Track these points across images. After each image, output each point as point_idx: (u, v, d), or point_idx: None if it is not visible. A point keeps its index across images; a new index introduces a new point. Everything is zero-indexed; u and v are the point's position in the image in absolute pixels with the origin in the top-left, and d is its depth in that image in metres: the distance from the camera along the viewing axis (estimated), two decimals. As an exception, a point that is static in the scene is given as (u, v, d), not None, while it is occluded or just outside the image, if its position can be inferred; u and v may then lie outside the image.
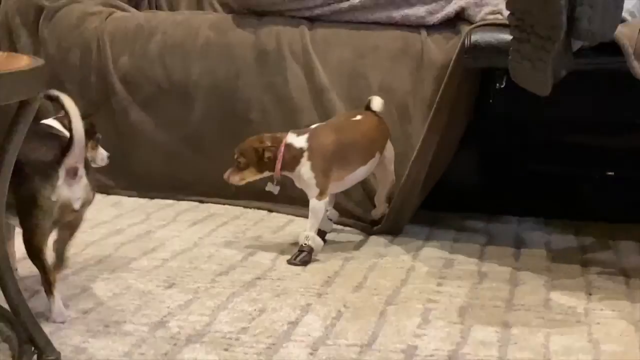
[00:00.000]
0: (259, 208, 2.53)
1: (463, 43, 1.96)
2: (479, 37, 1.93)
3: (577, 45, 1.81)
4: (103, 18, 2.70)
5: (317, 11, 2.53)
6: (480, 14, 2.35)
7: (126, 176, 2.67)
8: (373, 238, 2.27)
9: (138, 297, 1.78)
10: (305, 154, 2.03)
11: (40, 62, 1.40)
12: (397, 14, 2.46)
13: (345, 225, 2.34)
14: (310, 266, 2.01)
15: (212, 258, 2.06)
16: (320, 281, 1.90)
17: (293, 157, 2.03)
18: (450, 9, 2.41)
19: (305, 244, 2.03)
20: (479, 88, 2.33)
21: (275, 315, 1.69)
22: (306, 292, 1.83)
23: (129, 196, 2.66)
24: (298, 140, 2.05)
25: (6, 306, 1.46)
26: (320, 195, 2.04)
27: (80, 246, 2.13)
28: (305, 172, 2.03)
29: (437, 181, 2.34)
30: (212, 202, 2.59)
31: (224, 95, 2.57)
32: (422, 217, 2.47)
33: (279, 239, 2.24)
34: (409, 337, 1.59)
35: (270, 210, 2.51)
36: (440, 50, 2.39)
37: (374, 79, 2.42)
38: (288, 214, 2.46)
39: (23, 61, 1.42)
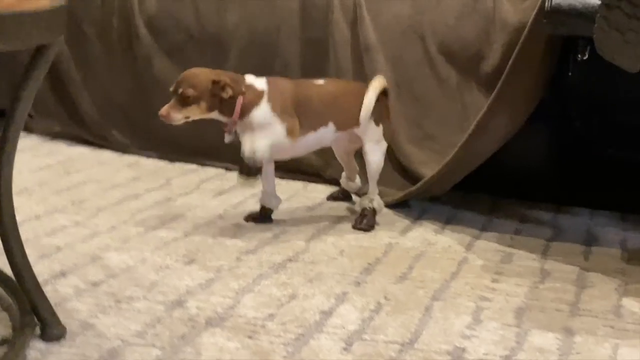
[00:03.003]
0: (294, 179, 2.57)
1: (542, 5, 1.95)
2: (561, -1, 1.92)
3: (675, 15, 1.79)
4: (130, -48, 2.74)
5: (375, -41, 2.54)
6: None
7: (145, 134, 2.72)
8: (422, 223, 2.29)
9: (154, 272, 1.83)
10: (265, 96, 2.06)
11: (61, 1, 1.44)
12: (467, -33, 2.46)
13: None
14: (348, 250, 2.04)
15: (238, 234, 2.10)
16: (359, 268, 1.94)
17: (253, 99, 2.04)
18: (529, -36, 2.40)
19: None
20: (559, 58, 2.32)
21: (307, 303, 1.72)
22: (342, 279, 1.86)
23: (148, 157, 2.72)
24: (258, 82, 2.08)
25: (9, 271, 1.51)
26: (291, 133, 2.07)
27: (91, 210, 2.19)
28: (263, 113, 2.04)
29: (492, 162, 2.35)
30: (240, 170, 2.63)
31: (262, 49, 2.60)
32: (480, 202, 2.49)
33: (315, 217, 2.27)
34: (456, 338, 1.62)
35: (307, 183, 2.55)
36: (516, 10, 2.38)
37: (432, 39, 2.43)
38: (327, 188, 2.50)
39: (42, 0, 1.45)
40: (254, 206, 2.26)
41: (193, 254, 1.94)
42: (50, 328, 1.50)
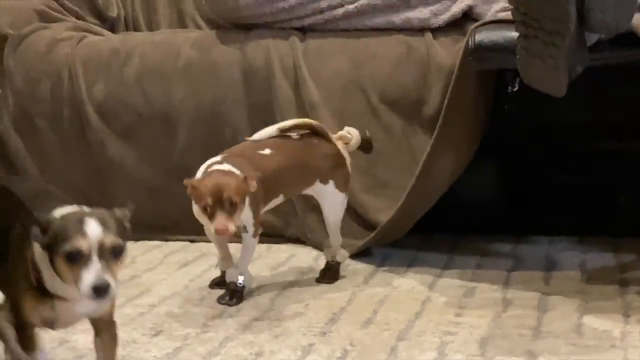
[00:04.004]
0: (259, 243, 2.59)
1: (467, 43, 2.03)
2: (484, 36, 2.00)
3: (592, 38, 1.87)
4: (74, 44, 2.80)
5: (309, 20, 2.63)
6: (491, 12, 2.43)
7: (107, 217, 2.74)
8: (385, 269, 2.32)
9: (121, 348, 1.82)
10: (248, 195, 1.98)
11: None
12: (398, 18, 2.55)
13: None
14: (313, 302, 2.07)
15: (204, 301, 2.12)
16: (324, 319, 1.96)
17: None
18: (456, 9, 2.49)
19: (239, 283, 2.09)
20: (494, 93, 2.39)
21: (274, 358, 1.74)
22: (308, 332, 1.88)
23: (112, 239, 2.73)
24: (234, 169, 2.00)
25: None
26: (256, 231, 2.07)
27: (57, 296, 2.20)
28: (245, 206, 2.00)
29: (449, 201, 2.40)
30: (204, 241, 2.65)
31: (210, 120, 2.65)
32: (441, 242, 2.53)
33: (278, 276, 2.30)
34: (422, 374, 1.64)
35: (270, 244, 2.58)
36: (449, 53, 2.46)
37: (373, 90, 2.51)
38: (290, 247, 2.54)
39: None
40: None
41: (159, 326, 1.96)
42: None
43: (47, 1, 2.99)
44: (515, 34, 1.88)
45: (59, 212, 1.41)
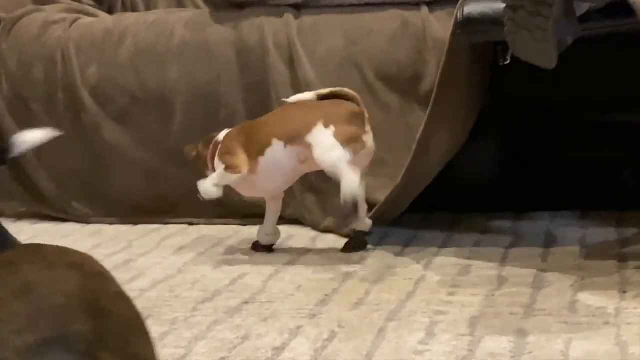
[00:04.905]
0: (255, 224, 2.59)
1: (456, 16, 2.01)
2: (472, 8, 1.97)
3: (582, 8, 1.84)
4: (67, 25, 2.81)
5: (303, -4, 2.61)
6: (487, -17, 2.40)
7: (105, 201, 2.76)
8: (382, 248, 2.32)
9: (109, 333, 1.84)
10: (219, 147, 2.31)
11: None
12: (393, -8, 2.53)
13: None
14: (305, 285, 2.07)
15: (196, 284, 2.12)
16: (315, 300, 1.96)
17: (213, 151, 2.33)
18: (451, -20, 2.46)
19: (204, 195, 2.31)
20: (491, 66, 2.37)
21: (260, 342, 1.74)
22: (297, 314, 1.88)
23: (110, 223, 2.75)
24: (221, 136, 2.34)
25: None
26: (231, 168, 2.26)
27: (50, 282, 2.21)
28: (217, 161, 2.31)
29: (448, 179, 2.38)
30: (202, 224, 2.67)
31: (205, 101, 2.65)
32: (440, 220, 2.52)
33: (273, 258, 2.30)
34: (408, 354, 1.63)
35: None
36: (445, 27, 2.42)
37: (368, 66, 2.49)
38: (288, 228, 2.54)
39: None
40: (215, 258, 2.29)
41: (149, 310, 1.96)
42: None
43: (41, -17, 3.00)
44: (503, 5, 1.85)
45: None
